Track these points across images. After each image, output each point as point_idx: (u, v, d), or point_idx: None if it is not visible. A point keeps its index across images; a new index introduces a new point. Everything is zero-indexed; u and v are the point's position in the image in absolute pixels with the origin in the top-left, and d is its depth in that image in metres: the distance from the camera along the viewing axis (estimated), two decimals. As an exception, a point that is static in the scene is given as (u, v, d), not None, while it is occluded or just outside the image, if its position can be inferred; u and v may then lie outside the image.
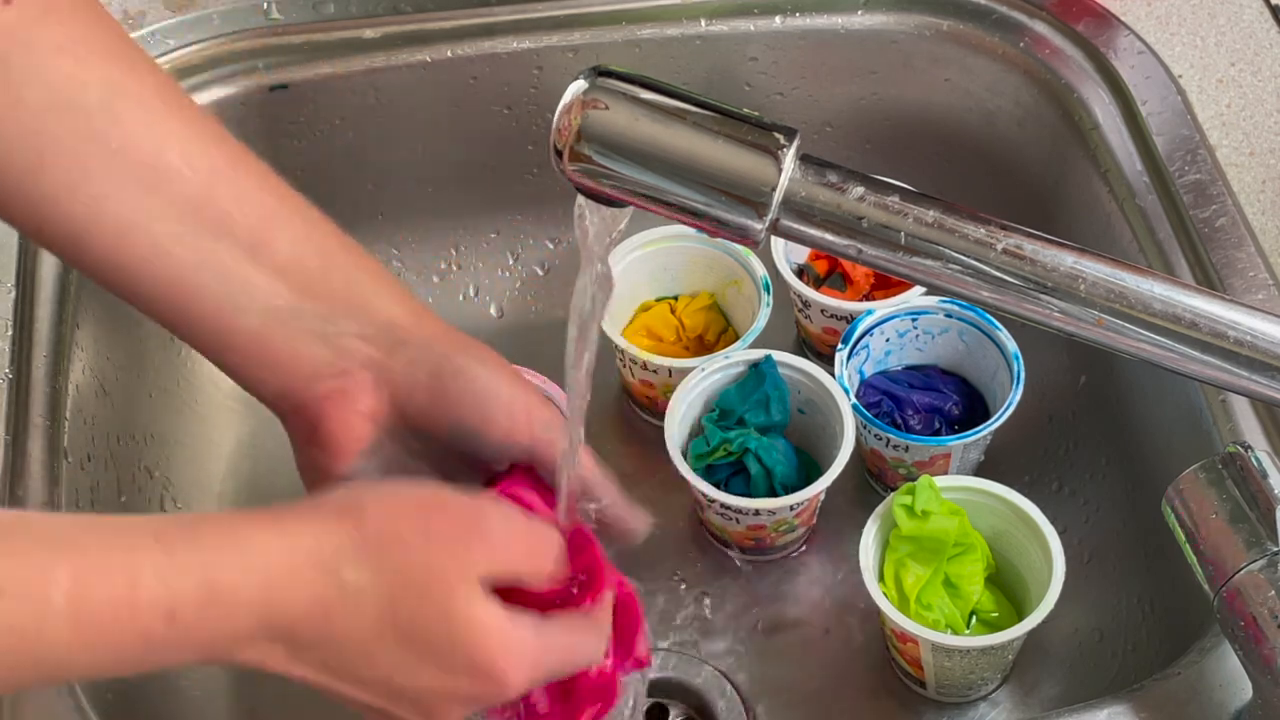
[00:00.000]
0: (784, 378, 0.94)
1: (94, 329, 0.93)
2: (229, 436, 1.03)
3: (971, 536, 0.89)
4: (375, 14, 1.03)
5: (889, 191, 0.57)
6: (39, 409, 0.86)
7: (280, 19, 1.03)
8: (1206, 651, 0.77)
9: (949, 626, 0.88)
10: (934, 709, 0.91)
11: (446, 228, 1.10)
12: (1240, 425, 0.84)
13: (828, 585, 0.96)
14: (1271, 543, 0.67)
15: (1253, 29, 1.02)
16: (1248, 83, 0.99)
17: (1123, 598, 0.93)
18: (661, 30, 1.04)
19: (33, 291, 0.90)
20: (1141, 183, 0.94)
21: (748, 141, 0.56)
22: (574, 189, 0.60)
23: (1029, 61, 1.02)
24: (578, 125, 0.57)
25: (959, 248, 0.56)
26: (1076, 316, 0.56)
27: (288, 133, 1.04)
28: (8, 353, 0.87)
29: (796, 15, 1.04)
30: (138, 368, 0.98)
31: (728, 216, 0.57)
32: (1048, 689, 0.92)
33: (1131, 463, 0.96)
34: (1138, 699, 0.75)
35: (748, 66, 1.05)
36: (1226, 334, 0.56)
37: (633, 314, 1.04)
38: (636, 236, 1.01)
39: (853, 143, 1.08)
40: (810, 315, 1.01)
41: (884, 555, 0.88)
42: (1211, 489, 0.69)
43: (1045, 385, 1.01)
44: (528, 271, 1.11)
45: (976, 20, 1.03)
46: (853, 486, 0.98)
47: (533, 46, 1.03)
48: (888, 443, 0.93)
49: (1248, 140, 0.96)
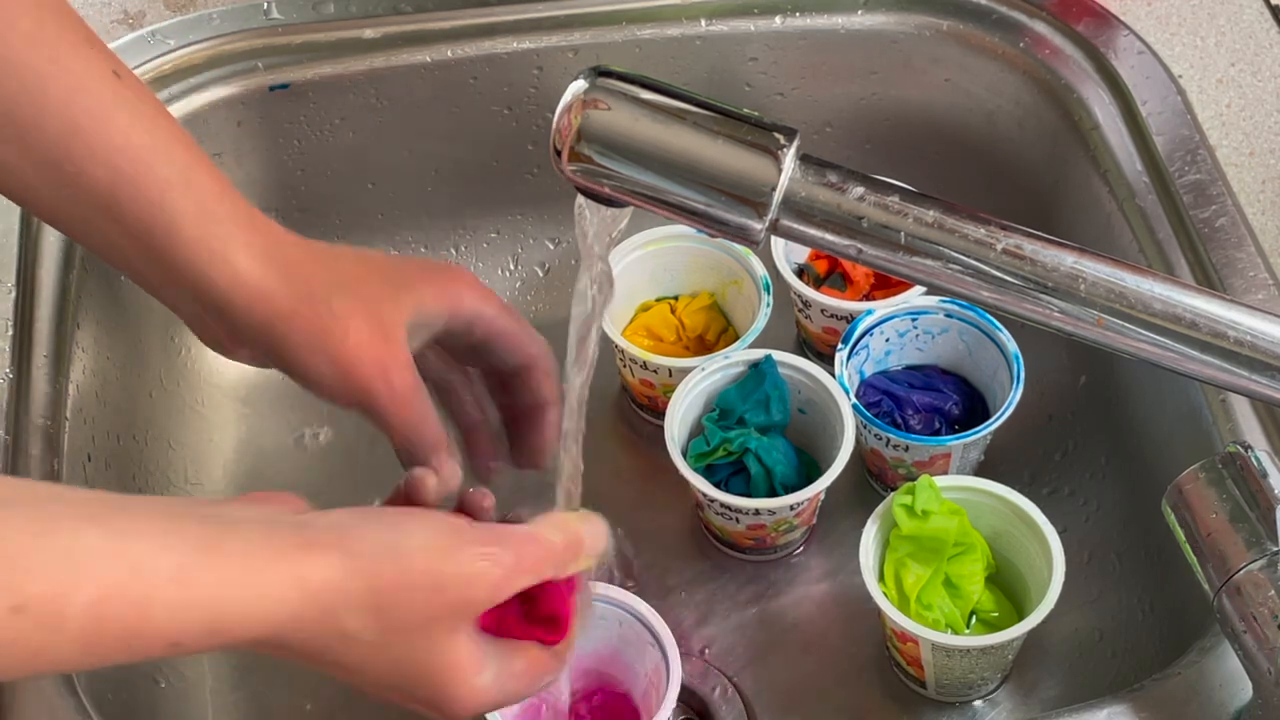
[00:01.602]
0: (784, 378, 0.94)
1: (94, 329, 0.93)
2: (229, 436, 1.03)
3: (971, 536, 0.89)
4: (375, 14, 1.03)
5: (889, 191, 0.57)
6: (39, 409, 0.86)
7: (280, 19, 1.03)
8: (1206, 651, 0.77)
9: (949, 626, 0.88)
10: (934, 709, 0.91)
11: (446, 228, 1.10)
12: (1240, 425, 0.84)
13: (828, 585, 0.96)
14: (1271, 543, 0.67)
15: (1253, 29, 1.02)
16: (1248, 83, 0.99)
17: (1123, 598, 0.93)
18: (661, 30, 1.04)
19: (33, 291, 0.90)
20: (1141, 183, 0.94)
21: (748, 141, 0.56)
22: (574, 189, 0.60)
23: (1029, 61, 1.02)
24: (578, 125, 0.57)
25: (959, 248, 0.56)
26: (1076, 316, 0.56)
27: (288, 133, 1.04)
28: (8, 353, 0.87)
29: (796, 15, 1.04)
30: (138, 368, 0.98)
31: (728, 216, 0.57)
32: (1047, 689, 0.92)
33: (1131, 463, 0.96)
34: (1138, 699, 0.75)
35: (748, 66, 1.05)
36: (1226, 334, 0.56)
37: (633, 314, 1.04)
38: (636, 236, 1.01)
39: (853, 143, 1.08)
40: (810, 315, 1.01)
41: (884, 555, 0.88)
42: (1211, 489, 0.69)
43: (1045, 385, 1.01)
44: (528, 271, 1.11)
45: (976, 20, 1.03)
46: (853, 486, 0.98)
47: (533, 46, 1.03)
48: (888, 442, 0.93)
49: (1248, 140, 0.96)
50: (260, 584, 0.57)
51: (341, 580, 0.59)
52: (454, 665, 0.63)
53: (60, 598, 0.52)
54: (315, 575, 0.58)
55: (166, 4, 1.04)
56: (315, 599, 0.58)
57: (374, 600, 0.60)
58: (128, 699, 0.84)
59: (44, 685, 0.75)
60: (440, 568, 0.61)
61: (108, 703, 0.78)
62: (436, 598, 0.61)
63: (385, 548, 0.61)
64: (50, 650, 0.53)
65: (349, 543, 0.60)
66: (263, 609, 0.57)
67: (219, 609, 0.56)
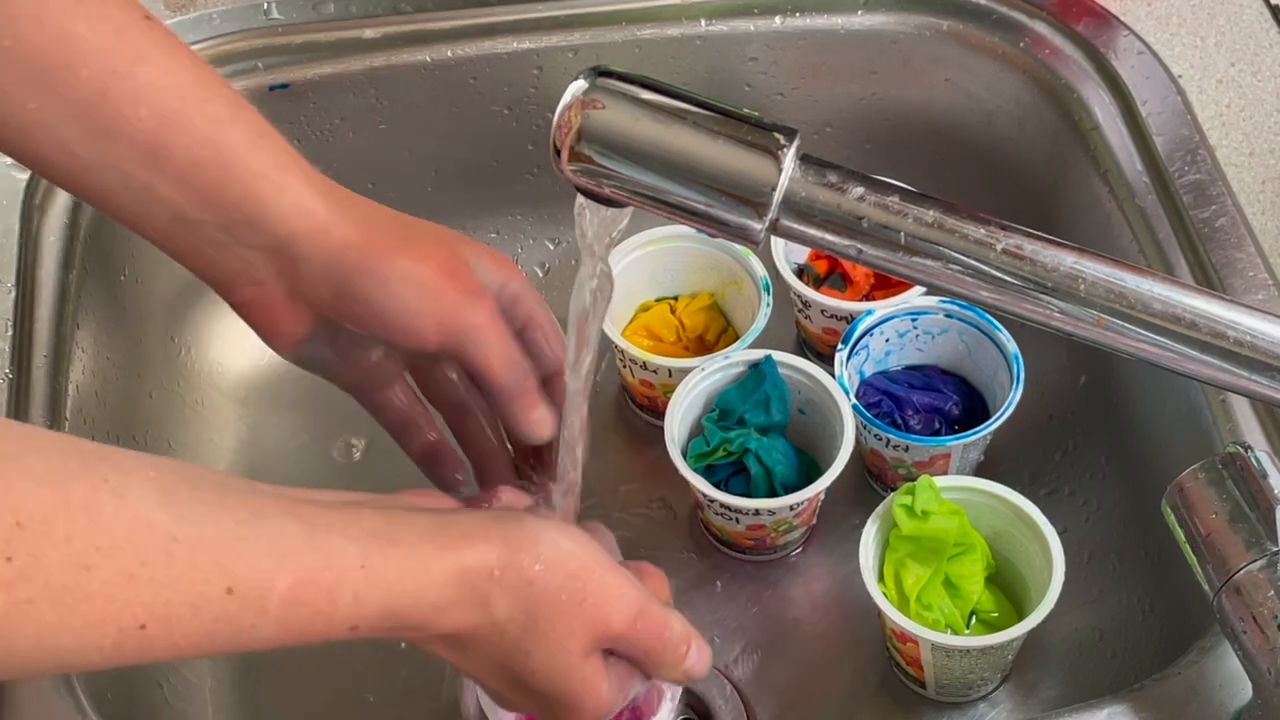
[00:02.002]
0: (784, 378, 0.94)
1: (94, 329, 0.93)
2: (229, 436, 1.03)
3: (971, 536, 0.89)
4: (375, 14, 1.03)
5: (889, 191, 0.57)
6: (39, 409, 0.86)
7: (280, 19, 1.03)
8: (1206, 651, 0.77)
9: (949, 626, 0.88)
10: (934, 709, 0.91)
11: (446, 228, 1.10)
12: (1240, 425, 0.84)
13: (828, 585, 0.96)
14: (1271, 543, 0.67)
15: (1253, 29, 1.02)
16: (1248, 83, 0.99)
17: (1123, 598, 0.93)
18: (661, 30, 1.04)
19: (33, 291, 0.90)
20: (1141, 183, 0.94)
21: (748, 141, 0.56)
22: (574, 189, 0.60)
23: (1029, 61, 1.02)
24: (578, 125, 0.57)
25: (959, 248, 0.56)
26: (1076, 316, 0.56)
27: (287, 133, 1.03)
28: (8, 353, 0.87)
29: (796, 15, 1.04)
30: (138, 368, 0.98)
31: (728, 216, 0.57)
32: (1047, 689, 0.92)
33: (1131, 463, 0.96)
34: (1138, 699, 0.75)
35: (748, 66, 1.05)
36: (1226, 334, 0.56)
37: (633, 314, 1.04)
38: (636, 236, 1.01)
39: (853, 143, 1.08)
40: (810, 315, 1.01)
41: (884, 555, 0.88)
42: (1211, 489, 0.69)
43: (1045, 385, 1.01)
44: (528, 271, 1.11)
45: (976, 20, 1.03)
46: (853, 486, 0.98)
47: (533, 46, 1.03)
48: (888, 443, 0.93)
49: (1248, 140, 0.96)
50: (429, 571, 0.59)
51: (496, 565, 0.60)
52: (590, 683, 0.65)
53: (265, 582, 0.55)
54: (473, 560, 0.60)
55: (166, 4, 1.04)
56: (475, 587, 0.60)
57: (529, 585, 0.61)
58: (128, 699, 0.83)
59: (44, 685, 0.75)
60: (585, 577, 0.63)
61: (107, 703, 0.78)
62: (576, 610, 0.63)
63: (541, 543, 0.62)
64: (254, 630, 0.55)
65: (507, 533, 0.61)
66: (430, 596, 0.59)
67: (394, 595, 0.58)
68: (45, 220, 0.93)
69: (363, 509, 0.60)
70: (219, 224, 0.69)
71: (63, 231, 0.93)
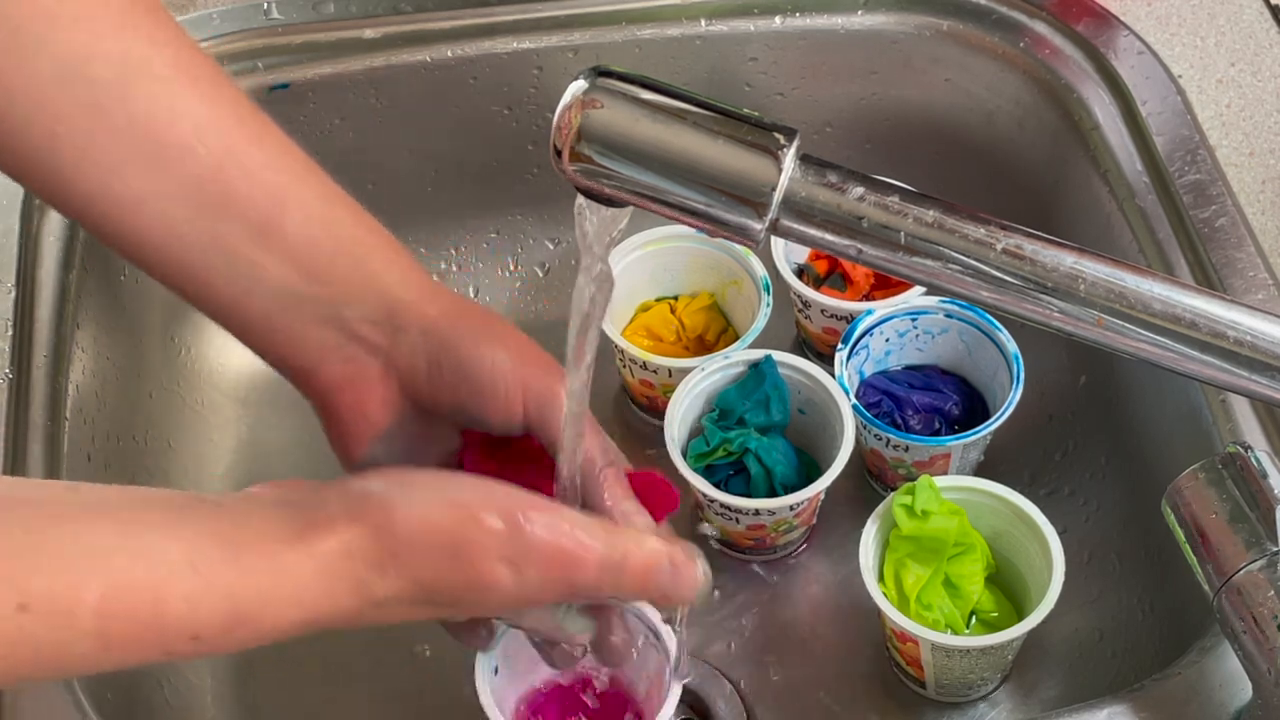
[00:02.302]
0: (784, 378, 0.94)
1: (94, 329, 0.93)
2: (229, 436, 1.03)
3: (971, 536, 0.89)
4: (375, 14, 1.03)
5: (889, 191, 0.57)
6: (39, 409, 0.86)
7: (280, 19, 1.03)
8: (1206, 651, 0.77)
9: (949, 626, 0.88)
10: (934, 709, 0.91)
11: (446, 228, 1.10)
12: (1240, 425, 0.84)
13: (828, 585, 0.96)
14: (1271, 543, 0.67)
15: (1253, 29, 1.02)
16: (1248, 83, 0.99)
17: (1123, 598, 0.93)
18: (661, 30, 1.04)
19: (33, 291, 0.90)
20: (1141, 183, 0.94)
21: (748, 141, 0.56)
22: (574, 189, 0.60)
23: (1029, 61, 1.02)
24: (578, 125, 0.57)
25: (959, 248, 0.56)
26: (1076, 316, 0.56)
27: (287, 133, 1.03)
28: (8, 353, 0.87)
29: (796, 15, 1.04)
30: (138, 368, 0.98)
31: (728, 216, 0.57)
32: (1047, 689, 0.92)
33: (1131, 463, 0.96)
34: (1138, 699, 0.75)
35: (748, 66, 1.05)
36: (1226, 334, 0.56)
37: (633, 314, 1.04)
38: (636, 236, 1.01)
39: (853, 143, 1.08)
40: (810, 315, 1.01)
41: (884, 555, 0.88)
42: (1211, 489, 0.69)
43: (1045, 385, 1.01)
44: (528, 272, 1.11)
45: (976, 20, 1.03)
46: (853, 486, 0.98)
47: (533, 46, 1.03)
48: (888, 443, 0.93)
49: (1248, 140, 0.96)
50: (281, 569, 0.56)
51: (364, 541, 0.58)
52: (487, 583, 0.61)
53: (68, 593, 0.51)
54: (335, 542, 0.57)
55: (167, 4, 1.04)
56: (342, 575, 0.57)
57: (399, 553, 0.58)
58: (128, 699, 0.83)
59: (44, 686, 0.75)
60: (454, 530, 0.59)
61: (107, 703, 0.78)
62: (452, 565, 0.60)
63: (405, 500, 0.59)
64: (65, 649, 0.51)
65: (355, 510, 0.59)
66: (287, 593, 0.56)
67: (240, 597, 0.55)
68: (45, 220, 0.93)
69: (199, 505, 0.56)
70: (327, 298, 0.68)
71: (63, 231, 0.93)
